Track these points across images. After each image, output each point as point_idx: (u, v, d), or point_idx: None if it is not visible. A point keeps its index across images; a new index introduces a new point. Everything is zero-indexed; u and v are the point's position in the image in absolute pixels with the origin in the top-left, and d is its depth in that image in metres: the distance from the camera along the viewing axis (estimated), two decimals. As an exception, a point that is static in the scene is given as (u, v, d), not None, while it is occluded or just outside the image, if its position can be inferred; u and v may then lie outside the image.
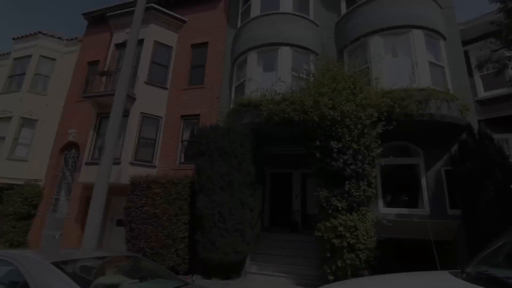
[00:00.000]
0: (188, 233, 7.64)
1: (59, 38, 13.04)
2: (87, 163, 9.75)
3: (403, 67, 7.44)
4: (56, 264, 2.48)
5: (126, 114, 8.72)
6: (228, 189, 7.19)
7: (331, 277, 5.98)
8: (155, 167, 9.57)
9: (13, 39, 13.11)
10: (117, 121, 6.90)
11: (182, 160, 9.67)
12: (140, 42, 9.86)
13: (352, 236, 5.90)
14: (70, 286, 2.25)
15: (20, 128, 11.66)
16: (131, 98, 9.39)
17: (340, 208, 6.22)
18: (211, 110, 9.54)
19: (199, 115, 9.77)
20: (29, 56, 12.51)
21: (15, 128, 11.53)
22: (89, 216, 6.10)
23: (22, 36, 12.95)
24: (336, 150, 6.30)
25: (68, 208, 10.43)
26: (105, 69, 10.74)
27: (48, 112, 12.04)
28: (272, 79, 8.38)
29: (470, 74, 8.14)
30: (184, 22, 11.19)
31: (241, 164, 7.40)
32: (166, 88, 10.46)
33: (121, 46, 10.88)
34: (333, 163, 6.35)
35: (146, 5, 8.48)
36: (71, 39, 13.12)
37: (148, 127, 9.90)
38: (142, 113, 9.76)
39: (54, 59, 12.78)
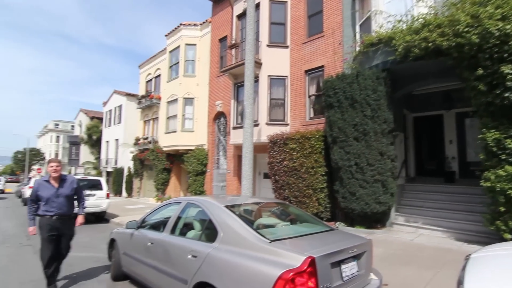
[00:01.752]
0: (326, 184, 7.96)
1: (194, 25, 15.22)
2: (233, 128, 11.51)
3: None
4: (227, 207, 3.21)
5: (256, 79, 9.50)
6: (363, 139, 6.86)
7: (507, 235, 4.91)
8: (287, 124, 10.20)
9: (165, 35, 16.33)
10: (250, 87, 7.67)
11: (312, 115, 9.81)
12: (257, 6, 10.15)
13: (542, 186, 4.52)
14: (239, 223, 2.89)
15: (184, 106, 14.89)
16: (258, 64, 10.07)
17: (520, 152, 4.81)
18: (335, 59, 8.98)
19: (322, 66, 9.43)
20: (178, 47, 15.36)
21: (181, 107, 14.82)
22: (242, 170, 7.37)
23: (170, 32, 15.92)
24: (510, 76, 4.74)
25: (226, 165, 12.87)
26: (232, 42, 11.83)
27: (199, 90, 14.73)
28: (406, 4, 6.91)
29: None
30: (295, -31, 10.58)
31: (375, 111, 6.81)
32: (286, 46, 10.55)
33: (241, 16, 11.60)
34: (506, 94, 4.86)
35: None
36: (203, 22, 15.04)
37: (276, 88, 10.47)
38: (269, 76, 10.36)
39: (194, 44, 15.17)
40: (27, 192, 16.79)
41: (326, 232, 3.18)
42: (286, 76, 10.42)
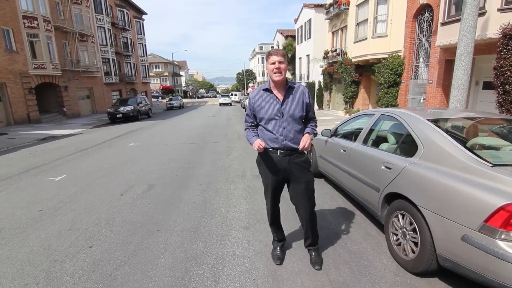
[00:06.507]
0: None
1: None
2: (442, 24, 8.95)
3: None
4: (431, 120, 2.80)
5: None
6: None
7: None
8: (544, 4, 6.65)
9: None
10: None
11: None
12: None
13: None
14: (446, 140, 2.48)
15: (376, 6, 12.88)
16: None
17: None
18: None
19: None
20: None
21: (373, 8, 12.93)
22: (454, 78, 5.92)
23: None
24: None
25: (427, 74, 10.71)
26: None
27: (396, -19, 12.00)
28: None
29: None
30: None
31: None
32: None
33: None
34: None
35: None
36: None
37: None
38: None
39: None
40: (247, 103, 22.01)
41: None
42: None
